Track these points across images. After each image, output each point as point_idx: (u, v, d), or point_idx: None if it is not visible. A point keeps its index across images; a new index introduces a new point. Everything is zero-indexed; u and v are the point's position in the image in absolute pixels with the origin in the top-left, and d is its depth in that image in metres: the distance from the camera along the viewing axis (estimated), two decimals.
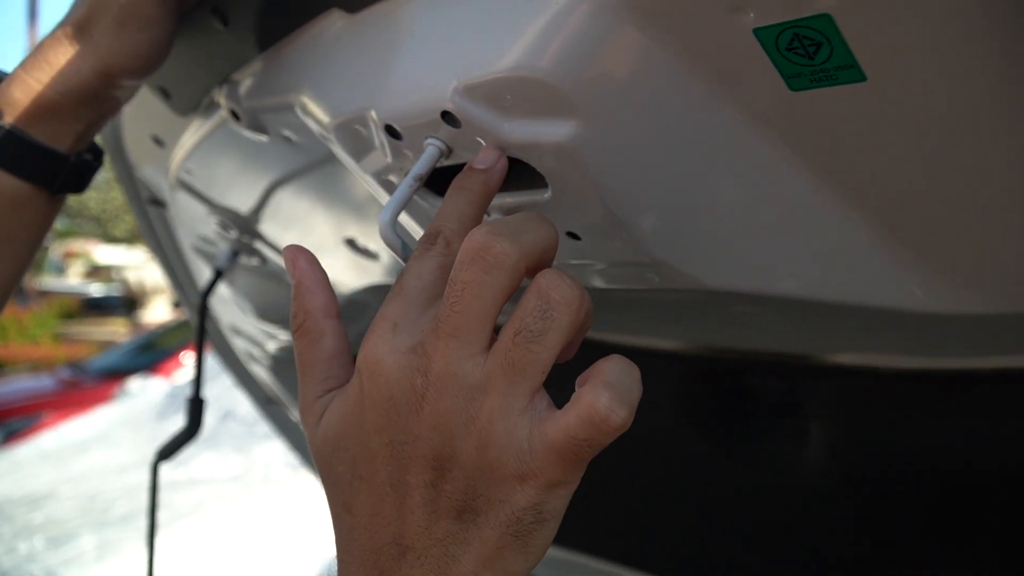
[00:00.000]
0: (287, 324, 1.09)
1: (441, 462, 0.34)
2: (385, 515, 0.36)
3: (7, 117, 0.52)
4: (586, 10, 0.35)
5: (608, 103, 0.38)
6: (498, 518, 0.34)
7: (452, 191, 0.41)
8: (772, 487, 0.73)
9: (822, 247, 0.41)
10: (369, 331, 0.37)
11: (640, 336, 0.71)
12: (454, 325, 0.34)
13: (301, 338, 0.41)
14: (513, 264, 0.34)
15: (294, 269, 0.42)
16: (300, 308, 0.41)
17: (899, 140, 0.34)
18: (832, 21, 0.30)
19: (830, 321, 0.52)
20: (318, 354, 0.40)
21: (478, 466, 0.34)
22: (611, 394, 0.33)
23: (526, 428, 0.34)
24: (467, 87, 0.41)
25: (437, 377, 0.34)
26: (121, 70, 0.53)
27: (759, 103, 0.35)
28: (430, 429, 0.34)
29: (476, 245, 0.34)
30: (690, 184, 0.41)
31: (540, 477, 0.33)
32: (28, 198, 0.54)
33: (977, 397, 0.56)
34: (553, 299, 0.34)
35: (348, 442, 0.37)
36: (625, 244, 0.45)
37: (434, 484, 0.35)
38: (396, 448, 0.35)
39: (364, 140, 0.50)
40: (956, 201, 0.36)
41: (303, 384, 0.41)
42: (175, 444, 0.91)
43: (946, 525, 0.64)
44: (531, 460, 0.33)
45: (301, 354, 0.41)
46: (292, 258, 0.42)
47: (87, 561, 3.13)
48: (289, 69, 0.54)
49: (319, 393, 0.40)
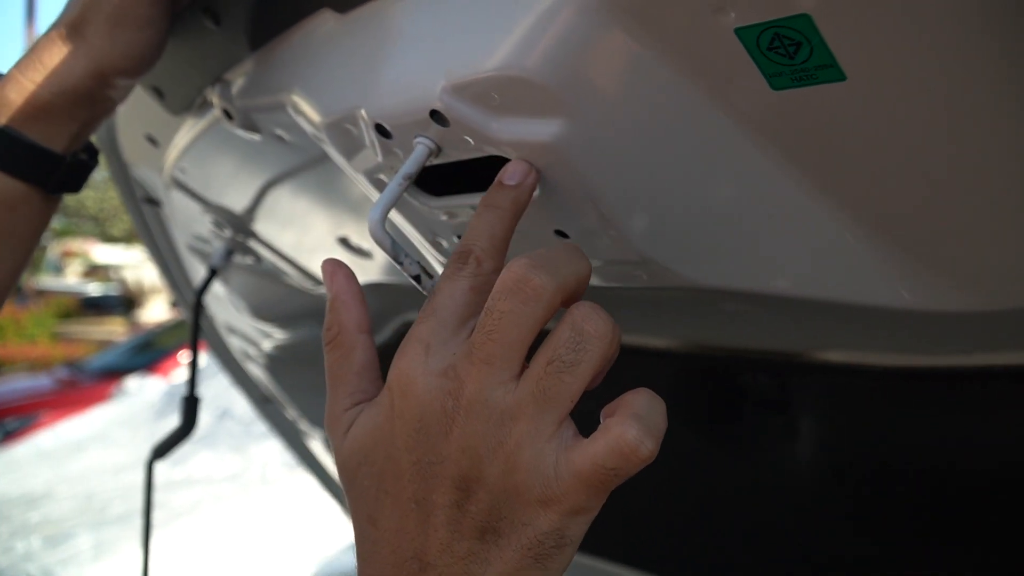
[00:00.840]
0: (282, 323, 1.09)
1: (467, 483, 0.35)
2: (409, 531, 0.37)
3: (1, 118, 0.53)
4: (572, 10, 0.36)
5: (594, 102, 0.38)
6: (520, 540, 0.35)
7: (482, 208, 0.41)
8: (764, 485, 0.73)
9: (810, 245, 0.42)
10: (401, 350, 0.38)
11: (631, 335, 0.71)
12: (489, 352, 0.35)
13: (334, 351, 0.42)
14: (550, 297, 0.36)
15: (331, 283, 0.43)
16: (335, 321, 0.42)
17: (881, 138, 0.34)
18: (811, 21, 0.30)
19: (821, 319, 0.53)
20: (349, 367, 0.42)
21: (504, 489, 0.35)
22: (640, 426, 0.34)
23: (553, 455, 0.35)
24: (455, 86, 0.41)
25: (468, 401, 0.35)
26: (115, 70, 0.53)
27: (742, 102, 0.36)
28: (458, 451, 0.35)
29: (515, 277, 0.35)
30: (676, 182, 0.41)
31: (564, 503, 0.34)
32: (24, 198, 0.55)
33: (970, 395, 0.57)
34: (587, 332, 0.35)
35: (376, 456, 0.38)
36: (613, 242, 0.45)
37: (459, 504, 0.36)
38: (424, 467, 0.36)
39: (355, 139, 0.51)
40: (943, 198, 0.36)
41: (332, 395, 0.42)
42: (170, 442, 0.92)
43: (939, 523, 0.64)
44: (557, 486, 0.34)
45: (332, 366, 0.42)
46: (330, 272, 0.44)
47: (84, 560, 3.13)
48: (280, 68, 0.55)
49: (347, 405, 0.41)
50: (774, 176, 0.39)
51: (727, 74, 0.35)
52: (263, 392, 1.42)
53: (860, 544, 0.67)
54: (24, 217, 0.55)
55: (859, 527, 0.67)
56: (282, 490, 3.71)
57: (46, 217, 0.57)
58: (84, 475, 4.24)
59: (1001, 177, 0.34)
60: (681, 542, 0.82)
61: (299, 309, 1.04)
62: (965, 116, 0.32)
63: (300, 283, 0.94)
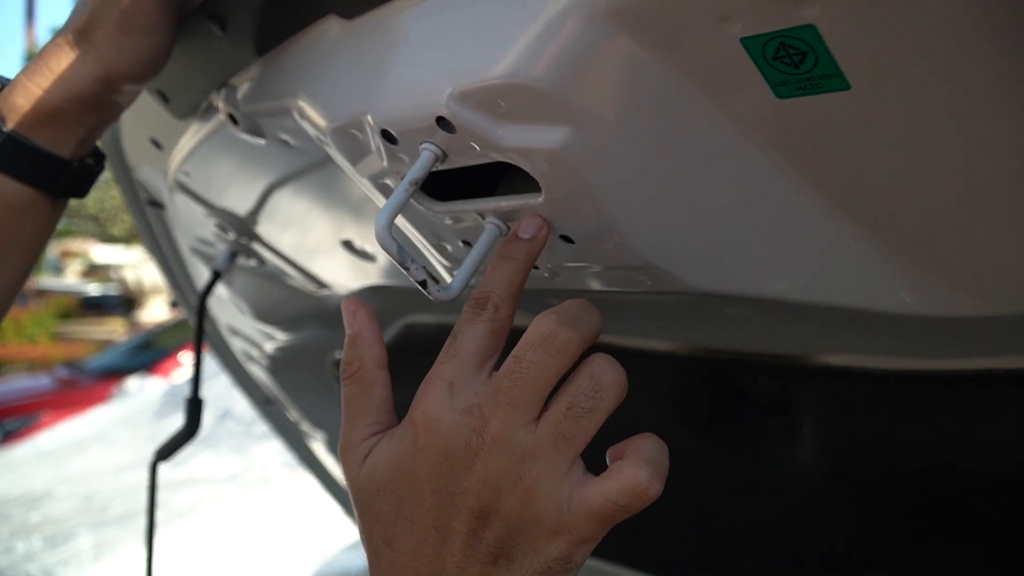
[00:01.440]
0: (284, 324, 1.10)
1: (486, 513, 0.39)
2: (425, 554, 0.40)
3: (9, 123, 0.53)
4: (579, 19, 0.36)
5: (600, 110, 0.39)
6: (531, 565, 0.39)
7: (498, 259, 0.44)
8: (764, 488, 0.74)
9: (813, 251, 0.42)
10: (424, 389, 0.42)
11: (633, 338, 0.72)
12: (515, 396, 0.39)
13: (353, 384, 0.45)
14: (574, 351, 0.40)
15: (353, 320, 0.46)
16: (356, 357, 0.45)
17: (884, 145, 0.35)
18: (816, 31, 0.31)
19: (822, 322, 0.53)
20: (368, 401, 0.45)
21: (520, 519, 0.39)
22: (651, 469, 0.39)
23: (567, 490, 0.39)
24: (462, 93, 0.41)
25: (492, 439, 0.39)
26: (123, 76, 0.54)
27: (747, 110, 0.36)
28: (480, 484, 0.39)
29: (545, 331, 0.40)
30: (680, 189, 0.42)
31: (574, 533, 0.39)
32: (31, 203, 0.55)
33: (971, 398, 0.57)
34: (604, 382, 0.40)
35: (396, 484, 0.41)
36: (617, 247, 0.46)
37: (476, 531, 0.39)
38: (444, 496, 0.40)
39: (360, 144, 0.51)
40: (945, 204, 0.36)
41: (349, 426, 0.45)
42: (174, 444, 0.92)
43: (941, 526, 0.64)
44: (569, 518, 0.38)
45: (351, 399, 0.45)
46: (352, 311, 0.47)
47: (84, 561, 3.13)
48: (286, 74, 0.55)
49: (365, 435, 0.44)
50: (777, 183, 0.39)
51: (732, 83, 0.35)
52: (265, 393, 1.42)
53: (862, 547, 0.67)
54: (31, 222, 0.56)
55: (861, 530, 0.67)
56: (282, 490, 3.71)
57: (53, 222, 0.58)
58: (84, 475, 4.24)
59: (1002, 182, 0.35)
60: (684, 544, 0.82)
61: (301, 311, 1.04)
62: (968, 122, 0.32)
63: (303, 285, 0.94)
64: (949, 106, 0.32)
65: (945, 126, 0.33)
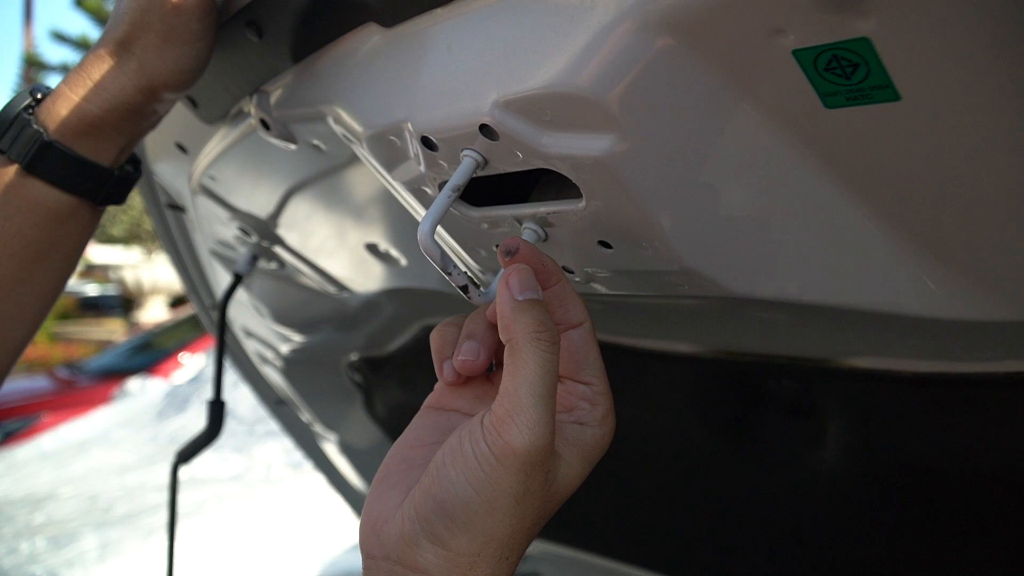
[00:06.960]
0: (301, 327, 1.10)
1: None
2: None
3: (52, 133, 0.53)
4: (628, 29, 0.36)
5: (647, 119, 0.39)
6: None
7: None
8: (790, 489, 0.74)
9: (854, 258, 0.43)
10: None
11: (661, 340, 0.72)
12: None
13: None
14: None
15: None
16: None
17: (930, 154, 0.35)
18: (870, 44, 0.31)
19: (854, 326, 0.53)
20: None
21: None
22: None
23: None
24: (507, 101, 0.42)
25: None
26: (165, 85, 0.54)
27: (794, 120, 0.37)
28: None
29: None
30: (724, 197, 0.42)
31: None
32: (72, 211, 0.56)
33: (997, 401, 0.57)
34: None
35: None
36: (656, 253, 0.46)
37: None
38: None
39: (398, 151, 0.51)
40: (989, 212, 0.37)
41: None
42: (195, 446, 0.92)
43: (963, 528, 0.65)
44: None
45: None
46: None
47: (89, 561, 3.13)
48: (322, 80, 0.55)
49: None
50: (821, 191, 0.40)
51: (780, 93, 0.36)
52: (278, 395, 1.43)
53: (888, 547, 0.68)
54: (72, 229, 0.56)
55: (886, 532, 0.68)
56: (286, 490, 3.71)
57: (92, 228, 0.58)
58: (87, 476, 4.23)
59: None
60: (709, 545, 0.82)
61: (319, 314, 1.04)
62: (1014, 132, 0.33)
63: (322, 288, 0.95)
64: (996, 116, 0.33)
65: (992, 136, 0.34)
